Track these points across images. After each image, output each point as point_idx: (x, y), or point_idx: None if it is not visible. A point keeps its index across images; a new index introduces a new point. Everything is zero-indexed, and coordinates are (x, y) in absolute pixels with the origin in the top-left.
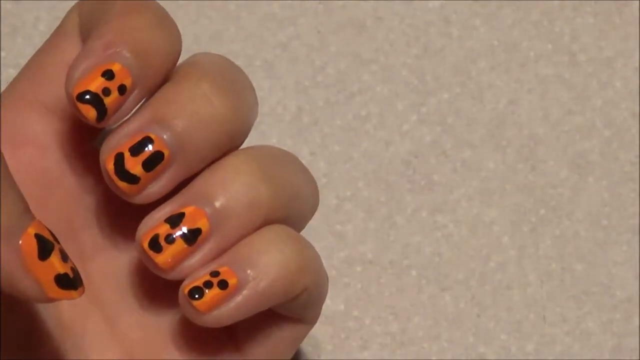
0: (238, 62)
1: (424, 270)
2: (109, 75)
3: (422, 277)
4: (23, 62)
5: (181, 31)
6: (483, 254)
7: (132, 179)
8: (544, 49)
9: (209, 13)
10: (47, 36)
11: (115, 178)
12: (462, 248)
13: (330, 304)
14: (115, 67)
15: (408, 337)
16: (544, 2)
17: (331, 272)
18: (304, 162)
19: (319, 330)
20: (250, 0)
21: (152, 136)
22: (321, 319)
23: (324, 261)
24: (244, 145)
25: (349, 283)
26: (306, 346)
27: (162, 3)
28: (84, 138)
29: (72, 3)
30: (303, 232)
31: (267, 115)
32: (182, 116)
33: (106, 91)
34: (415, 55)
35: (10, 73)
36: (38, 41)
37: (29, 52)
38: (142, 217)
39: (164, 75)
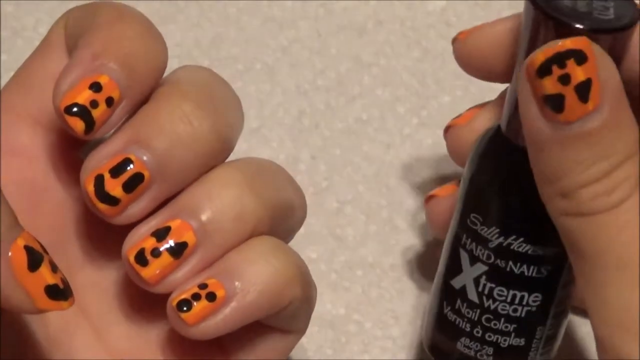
0: (238, 66)
1: (424, 274)
2: (96, 87)
3: (423, 281)
4: None
5: (182, 34)
6: None
7: (112, 200)
8: None
9: (210, 16)
10: None
11: (95, 200)
12: None
13: (331, 308)
14: (103, 79)
15: (409, 340)
16: None
17: (332, 276)
18: (304, 165)
19: (320, 334)
20: (251, 2)
21: (132, 157)
22: (322, 322)
23: (324, 265)
24: (239, 151)
25: (349, 287)
26: (307, 350)
27: (163, 6)
28: (72, 149)
29: (72, 5)
30: (304, 235)
31: (267, 119)
32: (162, 137)
33: (94, 103)
34: (416, 58)
35: (11, 76)
36: (38, 44)
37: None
38: (130, 229)
39: (151, 87)
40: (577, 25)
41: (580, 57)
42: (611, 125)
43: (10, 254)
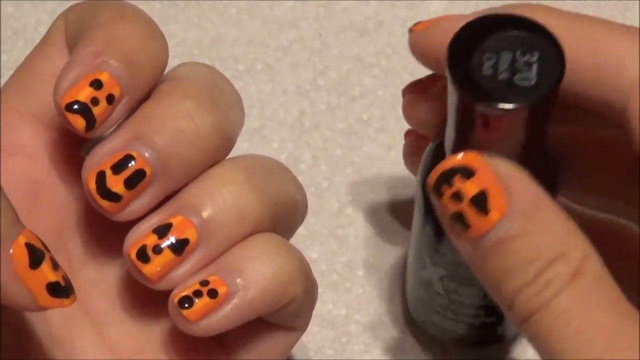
0: (239, 66)
1: None
2: (97, 84)
3: None
4: None
5: (182, 35)
6: None
7: (113, 197)
8: None
9: (211, 16)
10: None
11: (97, 197)
12: None
13: (332, 308)
14: (104, 77)
15: (410, 341)
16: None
17: (333, 277)
18: (305, 166)
19: (321, 335)
20: (252, 2)
21: (134, 154)
22: (323, 323)
23: (325, 265)
24: (240, 151)
25: (350, 287)
26: (308, 350)
27: (163, 6)
28: (72, 147)
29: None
30: (305, 235)
31: (268, 119)
32: (164, 134)
33: (94, 101)
34: None
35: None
36: (38, 42)
37: None
38: (131, 227)
39: (152, 84)
40: (492, 106)
41: (466, 172)
42: (529, 229)
43: (11, 251)
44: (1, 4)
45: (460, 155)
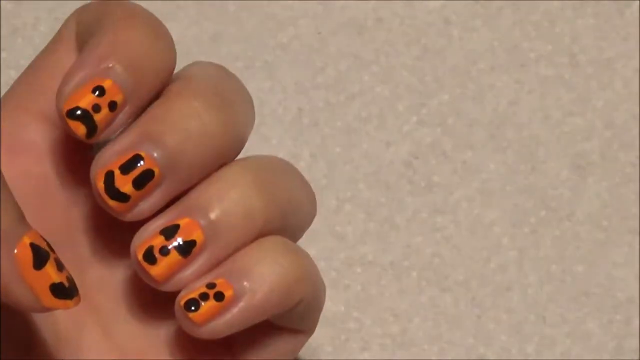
0: (238, 64)
1: (424, 272)
2: (99, 91)
3: (423, 279)
4: (24, 63)
5: (181, 32)
6: (483, 255)
7: (122, 197)
8: (545, 49)
9: (209, 14)
10: (48, 37)
11: (105, 197)
12: (462, 249)
13: (331, 306)
14: (107, 83)
15: (408, 338)
16: (544, 2)
17: (331, 274)
18: (304, 163)
19: (319, 332)
20: (251, 1)
21: (143, 154)
22: (321, 320)
23: (324, 262)
24: (243, 150)
25: (349, 284)
26: (306, 348)
27: (162, 4)
28: (81, 146)
29: (73, 4)
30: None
31: (267, 117)
32: (173, 134)
33: (96, 108)
34: (416, 56)
35: (11, 74)
36: (38, 42)
37: (30, 53)
38: (138, 227)
39: (156, 91)
40: None
41: None
42: None
43: (15, 251)
44: (0, 1)
45: None
